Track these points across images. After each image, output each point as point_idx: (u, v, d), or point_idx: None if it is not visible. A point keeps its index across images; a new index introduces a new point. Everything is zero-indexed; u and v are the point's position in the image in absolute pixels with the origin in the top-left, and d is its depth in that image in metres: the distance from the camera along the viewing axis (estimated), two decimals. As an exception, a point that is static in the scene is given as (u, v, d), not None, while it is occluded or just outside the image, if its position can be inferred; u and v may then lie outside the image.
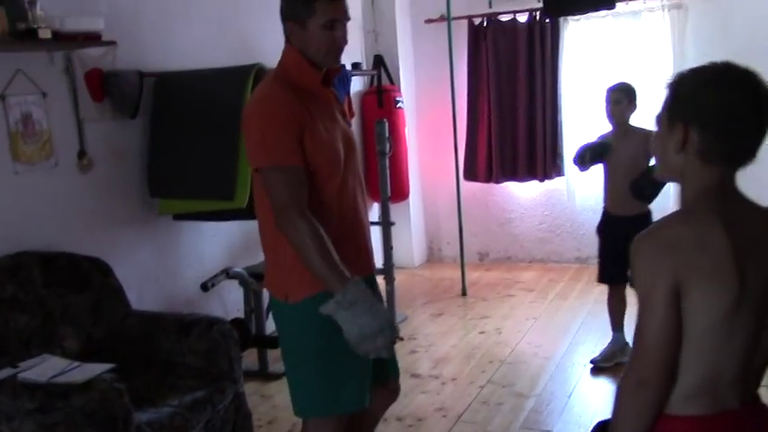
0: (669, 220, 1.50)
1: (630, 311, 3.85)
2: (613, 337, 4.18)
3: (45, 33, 3.16)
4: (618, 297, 4.13)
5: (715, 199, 1.47)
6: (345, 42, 2.21)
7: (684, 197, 1.52)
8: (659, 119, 1.55)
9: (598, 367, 4.11)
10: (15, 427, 2.57)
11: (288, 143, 2.09)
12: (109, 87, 3.67)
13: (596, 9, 5.56)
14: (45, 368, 2.88)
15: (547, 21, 6.07)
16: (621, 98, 3.92)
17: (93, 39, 3.42)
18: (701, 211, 1.46)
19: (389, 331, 2.09)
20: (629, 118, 3.97)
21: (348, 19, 2.21)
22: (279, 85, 2.18)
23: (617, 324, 4.16)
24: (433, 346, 4.72)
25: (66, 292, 3.19)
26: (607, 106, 3.99)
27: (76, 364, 2.91)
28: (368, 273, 2.36)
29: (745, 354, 1.46)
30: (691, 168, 1.49)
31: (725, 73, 1.47)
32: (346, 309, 2.03)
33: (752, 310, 1.43)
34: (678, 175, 1.52)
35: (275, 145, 2.09)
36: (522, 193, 6.57)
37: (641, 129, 3.97)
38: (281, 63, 2.27)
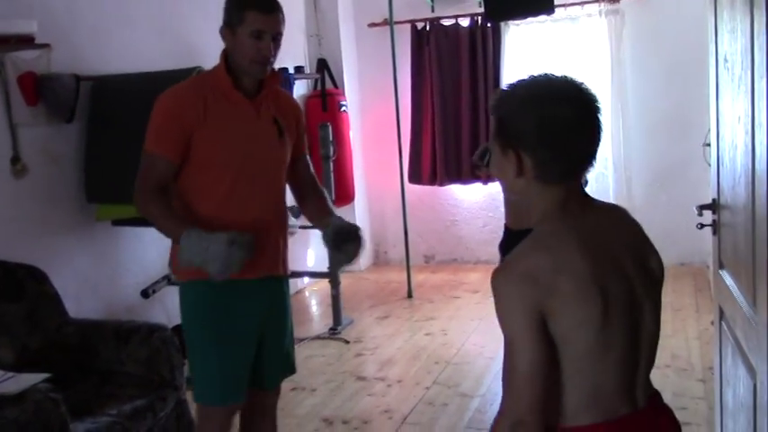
0: (523, 249, 1.43)
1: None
2: None
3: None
4: None
5: (564, 215, 1.44)
6: (269, 55, 2.32)
7: (535, 218, 1.47)
8: (493, 143, 1.48)
9: None
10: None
11: (164, 135, 2.32)
12: (43, 91, 3.58)
13: (536, 14, 5.65)
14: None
15: (488, 25, 6.16)
16: None
17: (26, 41, 3.34)
18: (553, 233, 1.42)
19: (232, 241, 2.20)
20: None
21: (278, 34, 2.33)
22: (189, 83, 2.47)
23: None
24: (378, 349, 4.73)
25: (0, 300, 3.10)
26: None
27: (11, 374, 2.83)
28: (271, 273, 2.53)
29: (625, 362, 1.46)
30: (534, 190, 1.44)
31: (543, 88, 1.42)
32: (193, 264, 2.23)
33: (622, 320, 1.42)
34: (524, 196, 1.47)
35: (155, 134, 2.33)
36: (467, 195, 6.64)
37: None
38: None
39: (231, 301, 2.43)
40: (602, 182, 6.00)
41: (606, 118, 6.54)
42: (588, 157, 1.44)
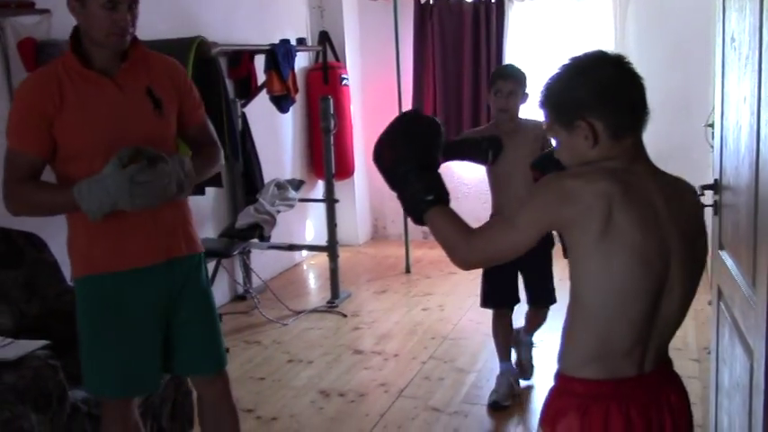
0: (580, 170, 1.54)
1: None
2: (503, 368, 3.59)
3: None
4: (503, 324, 3.60)
5: (621, 164, 1.53)
6: (127, 25, 2.11)
7: (599, 165, 1.54)
8: (550, 131, 1.61)
9: (501, 407, 3.48)
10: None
11: (24, 128, 2.13)
12: (43, 57, 3.54)
13: (541, -10, 5.61)
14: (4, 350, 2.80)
15: (492, 1, 6.11)
16: (516, 89, 3.31)
17: (26, 6, 3.32)
18: (600, 175, 1.49)
19: (119, 184, 2.03)
20: (519, 110, 3.38)
21: (134, 1, 2.11)
22: (44, 68, 2.24)
23: (505, 354, 3.60)
24: (376, 323, 4.74)
25: (-1, 267, 3.11)
26: (497, 97, 3.32)
27: (9, 340, 2.83)
28: (169, 256, 2.29)
29: (639, 326, 1.51)
30: (606, 152, 1.53)
31: (578, 63, 1.56)
32: (104, 210, 2.07)
33: (647, 283, 1.49)
34: (594, 161, 1.55)
35: (14, 128, 2.15)
36: (467, 172, 6.62)
37: (532, 121, 3.37)
38: None
39: (123, 292, 2.25)
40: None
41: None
42: (643, 104, 1.56)
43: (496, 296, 3.58)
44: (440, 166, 1.75)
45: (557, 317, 2.59)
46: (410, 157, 1.69)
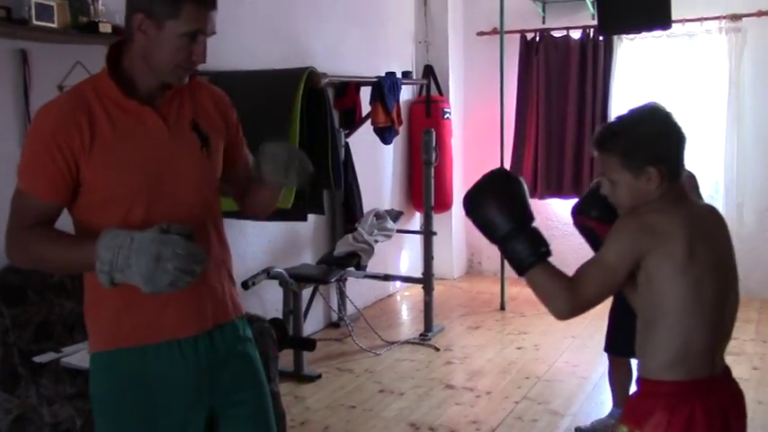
0: (649, 207, 1.78)
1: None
2: (613, 411, 3.53)
3: (105, 28, 3.24)
4: (626, 370, 3.44)
5: (674, 200, 1.80)
6: (201, 60, 1.75)
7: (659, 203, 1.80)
8: (609, 175, 1.82)
9: None
10: (55, 411, 2.62)
11: (38, 168, 1.67)
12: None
13: (652, 29, 5.48)
14: (87, 354, 2.92)
15: (600, 39, 6.02)
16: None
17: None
18: (668, 207, 1.77)
19: (166, 248, 1.53)
20: None
21: (213, 33, 1.76)
22: (69, 94, 1.76)
23: (621, 399, 3.45)
24: (468, 359, 4.68)
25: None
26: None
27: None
28: (215, 323, 1.84)
29: (712, 328, 1.77)
30: (663, 191, 1.78)
31: (650, 111, 1.82)
32: (116, 270, 1.55)
33: (711, 290, 1.75)
34: (651, 201, 1.79)
35: (25, 167, 1.70)
36: (566, 211, 6.48)
37: None
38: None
39: (156, 370, 1.77)
40: (711, 205, 5.76)
41: (719, 139, 6.29)
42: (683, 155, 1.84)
43: (630, 345, 3.33)
44: (533, 220, 1.84)
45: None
46: (509, 218, 1.81)
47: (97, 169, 1.69)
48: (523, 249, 1.79)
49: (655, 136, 1.77)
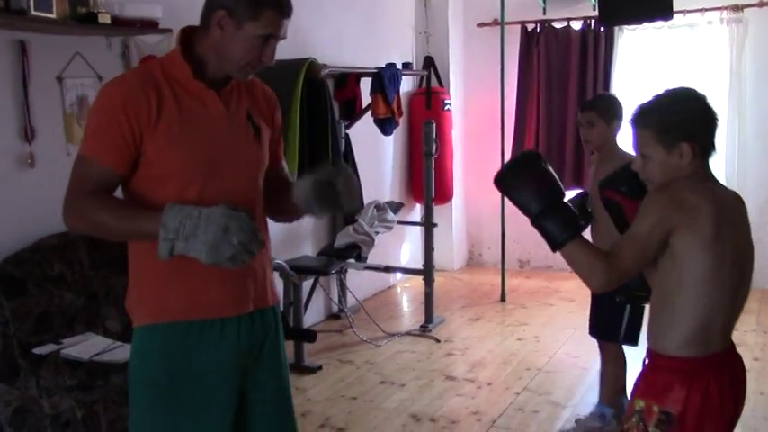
0: (679, 184, 1.83)
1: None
2: (598, 409, 3.49)
3: (104, 18, 3.22)
4: (618, 361, 3.44)
5: (703, 179, 1.87)
6: (269, 62, 1.84)
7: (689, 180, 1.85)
8: (642, 150, 1.87)
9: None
10: (55, 402, 2.61)
11: (104, 136, 1.75)
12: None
13: (652, 19, 5.48)
14: (87, 346, 2.93)
15: (601, 29, 6.00)
16: (595, 119, 3.21)
17: (150, 26, 3.47)
18: (697, 187, 1.83)
19: (234, 222, 1.65)
20: (611, 140, 3.23)
21: (284, 38, 1.86)
22: (137, 71, 1.94)
23: (608, 394, 3.47)
24: (469, 350, 4.69)
25: (111, 273, 3.23)
26: (581, 129, 3.32)
27: (118, 343, 2.96)
28: (257, 306, 1.90)
29: (729, 306, 1.86)
30: (694, 168, 1.85)
31: (685, 92, 1.90)
32: (181, 238, 1.65)
33: (731, 269, 1.82)
34: (681, 177, 1.85)
35: (93, 134, 1.79)
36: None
37: (629, 155, 2.78)
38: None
39: (197, 348, 1.82)
40: (712, 197, 5.75)
41: (720, 131, 6.29)
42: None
43: (611, 329, 3.35)
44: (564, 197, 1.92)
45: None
46: (543, 197, 1.88)
47: (160, 145, 1.77)
48: (556, 228, 1.85)
49: (690, 113, 1.84)
